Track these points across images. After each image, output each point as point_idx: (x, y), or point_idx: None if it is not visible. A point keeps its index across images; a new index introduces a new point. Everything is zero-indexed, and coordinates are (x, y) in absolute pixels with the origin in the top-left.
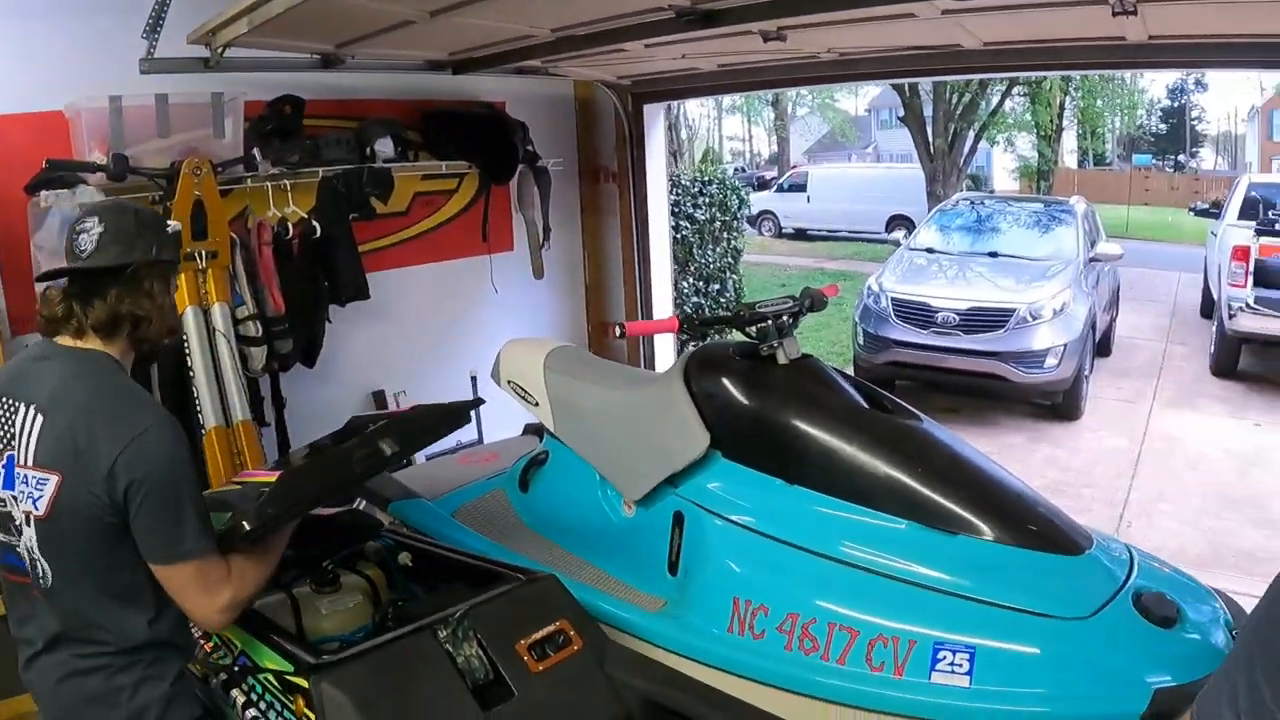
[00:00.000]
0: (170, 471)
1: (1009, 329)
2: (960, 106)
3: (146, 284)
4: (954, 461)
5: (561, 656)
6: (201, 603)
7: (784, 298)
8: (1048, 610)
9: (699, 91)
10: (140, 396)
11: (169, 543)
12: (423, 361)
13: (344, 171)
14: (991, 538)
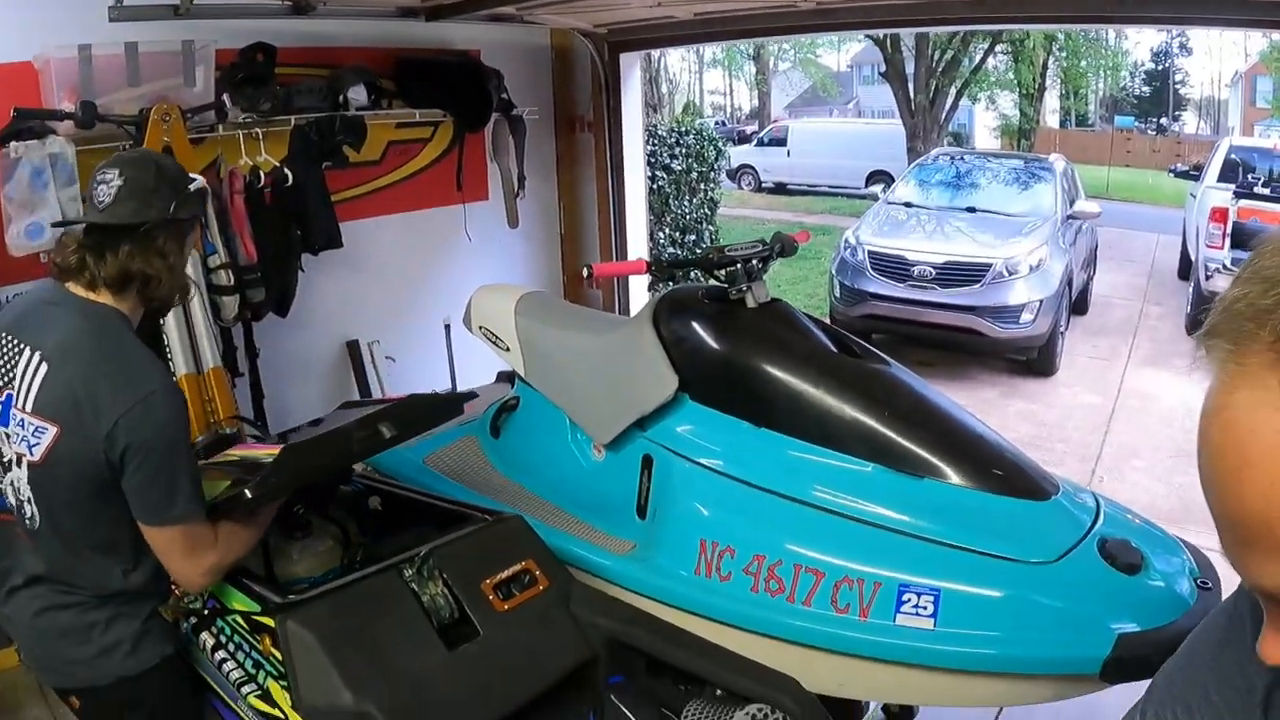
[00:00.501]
0: (169, 438)
1: (985, 284)
2: (943, 63)
3: (160, 242)
4: (920, 406)
5: (527, 595)
6: (185, 565)
7: (754, 242)
8: (1012, 554)
9: (676, 40)
10: (146, 360)
11: (160, 507)
12: (396, 310)
13: (316, 119)
14: (957, 482)
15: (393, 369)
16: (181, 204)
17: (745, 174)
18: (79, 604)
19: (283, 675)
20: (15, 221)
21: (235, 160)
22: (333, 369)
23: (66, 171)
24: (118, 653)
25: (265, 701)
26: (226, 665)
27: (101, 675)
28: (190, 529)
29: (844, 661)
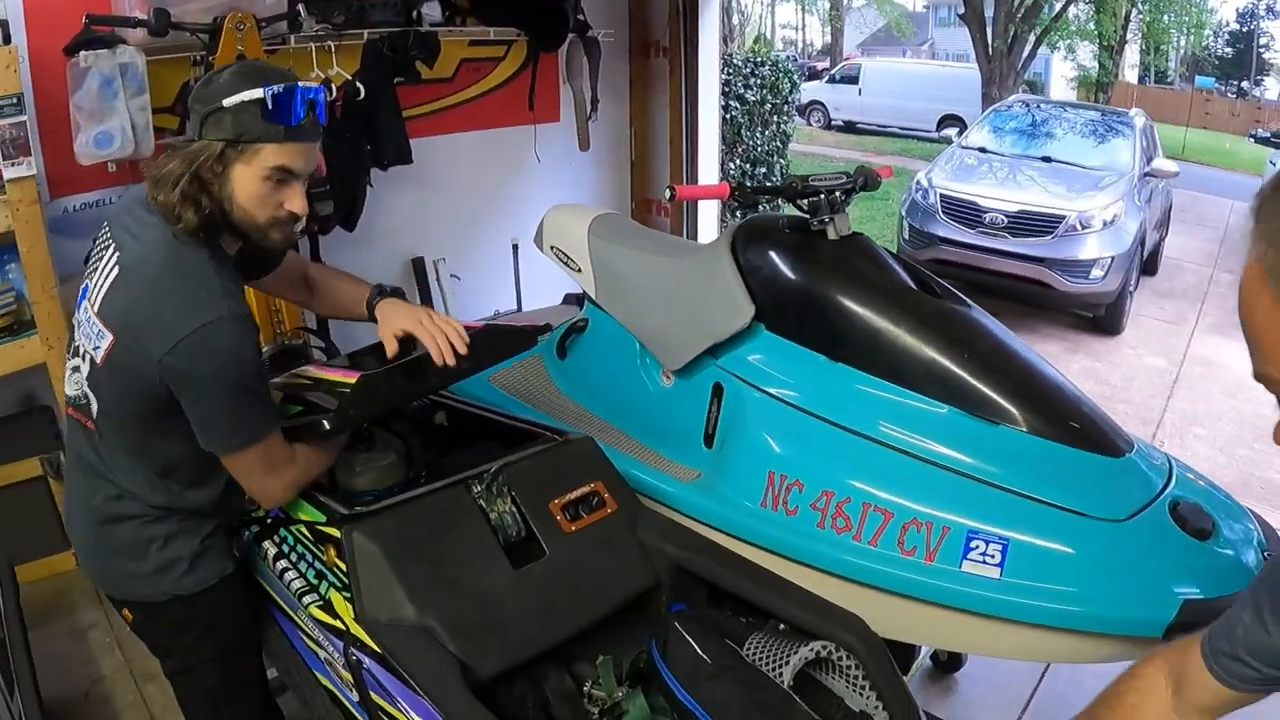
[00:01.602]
0: (229, 367)
1: (1057, 236)
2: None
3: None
4: (1000, 350)
5: (594, 518)
6: (265, 482)
7: (837, 173)
8: (1084, 509)
9: None
10: (216, 288)
11: (229, 434)
12: (463, 229)
13: (389, 34)
14: (1033, 430)
15: (458, 287)
16: (206, 126)
17: (815, 110)
18: (137, 516)
19: (345, 586)
20: (84, 130)
21: (306, 73)
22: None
23: (137, 81)
24: (174, 570)
25: (326, 612)
26: (288, 575)
27: (157, 592)
28: (266, 446)
29: (906, 604)
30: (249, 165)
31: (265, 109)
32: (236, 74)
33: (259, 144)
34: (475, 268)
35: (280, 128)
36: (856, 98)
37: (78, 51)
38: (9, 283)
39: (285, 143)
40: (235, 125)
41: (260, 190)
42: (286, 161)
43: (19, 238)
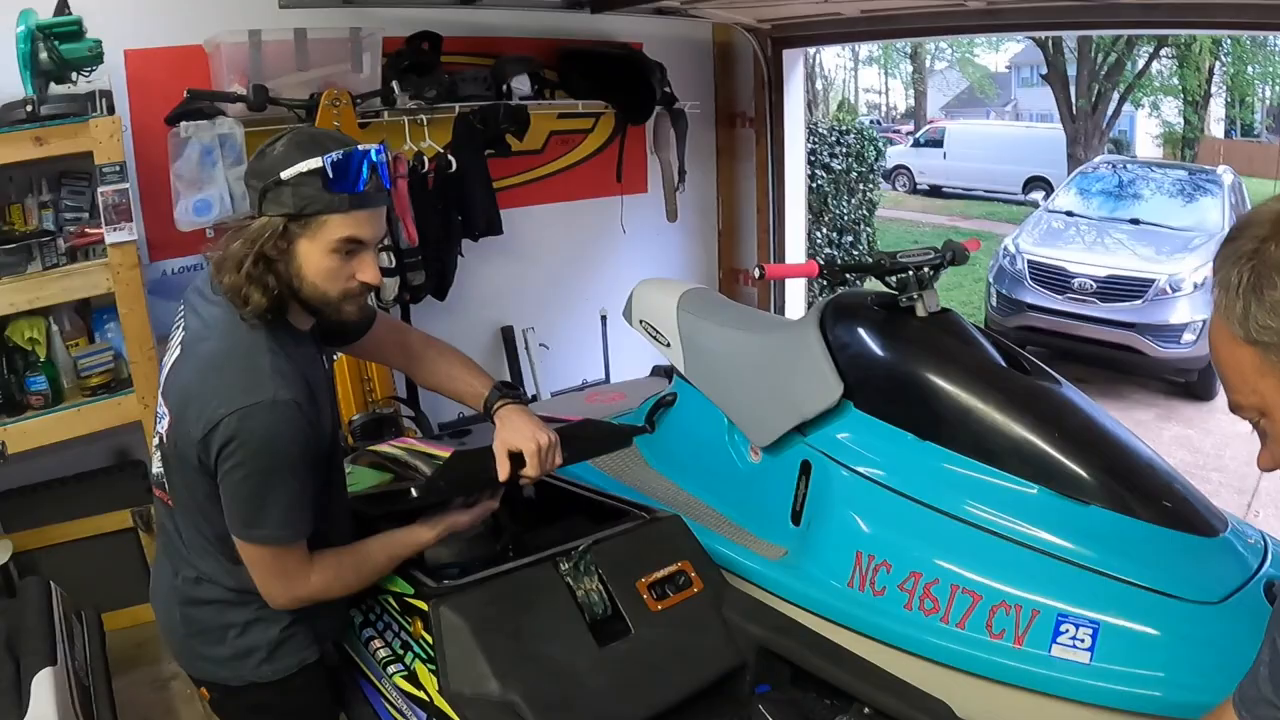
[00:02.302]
0: (261, 453)
1: (1147, 300)
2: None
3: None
4: (1091, 429)
5: (681, 597)
6: (270, 585)
7: (925, 248)
8: (1176, 591)
9: (840, 38)
10: (267, 371)
11: (247, 522)
12: (552, 298)
13: (480, 108)
14: (1124, 510)
15: (545, 356)
16: (266, 201)
17: (900, 175)
18: (215, 601)
19: (431, 659)
20: (183, 198)
21: (399, 146)
22: (487, 354)
23: (235, 151)
24: (252, 658)
25: (411, 683)
26: (374, 643)
27: (234, 676)
28: (279, 552)
29: (993, 689)
30: (314, 239)
31: (326, 178)
32: (292, 144)
33: (323, 216)
34: (563, 337)
35: (344, 196)
36: (941, 161)
37: (178, 122)
38: (108, 342)
39: (351, 211)
40: (296, 198)
41: (329, 264)
42: (354, 232)
43: (119, 300)
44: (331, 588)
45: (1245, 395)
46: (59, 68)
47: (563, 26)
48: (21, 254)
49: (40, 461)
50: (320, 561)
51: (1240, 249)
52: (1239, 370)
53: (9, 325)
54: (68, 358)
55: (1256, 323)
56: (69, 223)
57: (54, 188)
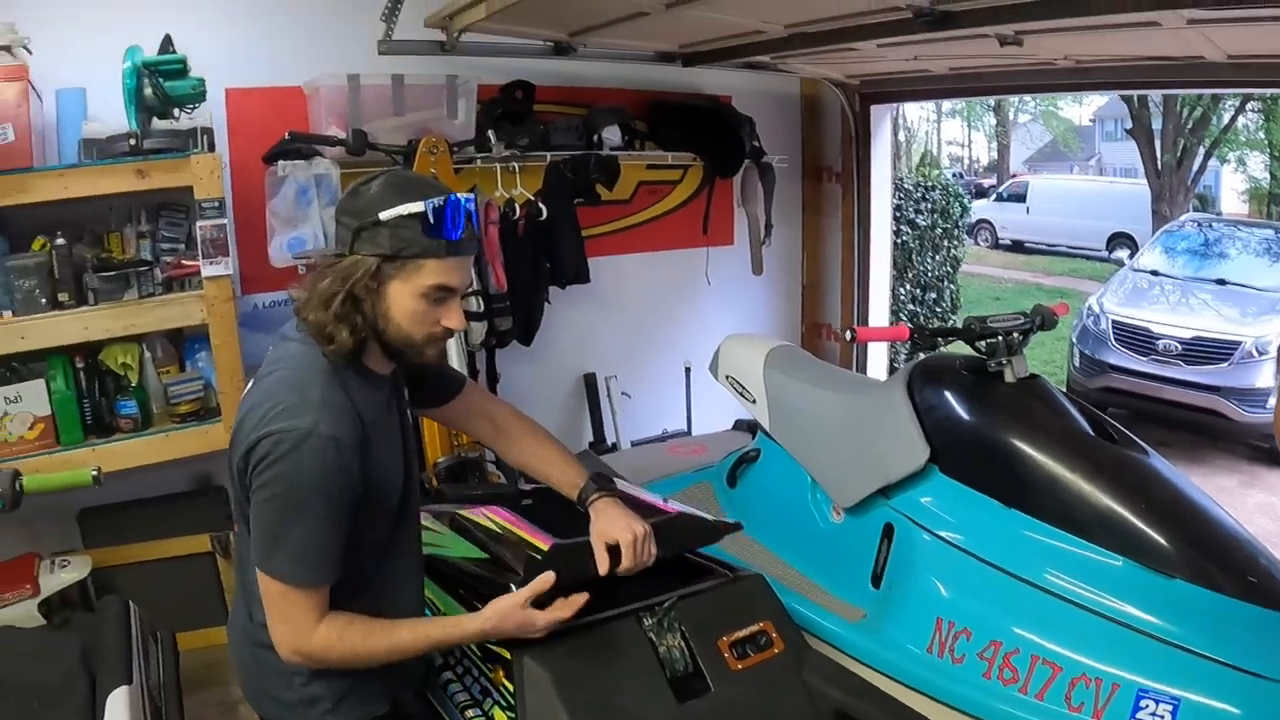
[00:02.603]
0: (293, 481)
1: (1232, 363)
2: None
3: (330, 283)
4: (1177, 500)
5: (762, 657)
6: (275, 628)
7: (1015, 313)
8: (1260, 670)
9: (928, 94)
10: (311, 400)
11: (263, 551)
12: (635, 348)
13: (571, 157)
14: (1208, 585)
15: (628, 405)
16: (359, 240)
17: (982, 229)
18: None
19: (511, 707)
20: (279, 234)
21: (491, 192)
22: (569, 400)
23: (330, 191)
24: (317, 708)
25: None
26: (453, 687)
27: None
28: (286, 592)
29: None
30: (407, 282)
31: (426, 223)
32: (390, 186)
33: (420, 260)
34: (646, 386)
35: (442, 242)
36: (1024, 216)
37: (276, 161)
38: (198, 371)
39: (446, 258)
40: (393, 240)
41: (418, 307)
42: (447, 279)
43: (212, 331)
44: (331, 651)
45: None
46: (162, 104)
47: (654, 78)
48: (119, 282)
49: (124, 482)
50: (331, 620)
51: None
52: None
53: (104, 350)
54: (159, 384)
55: None
56: (165, 253)
57: (153, 219)
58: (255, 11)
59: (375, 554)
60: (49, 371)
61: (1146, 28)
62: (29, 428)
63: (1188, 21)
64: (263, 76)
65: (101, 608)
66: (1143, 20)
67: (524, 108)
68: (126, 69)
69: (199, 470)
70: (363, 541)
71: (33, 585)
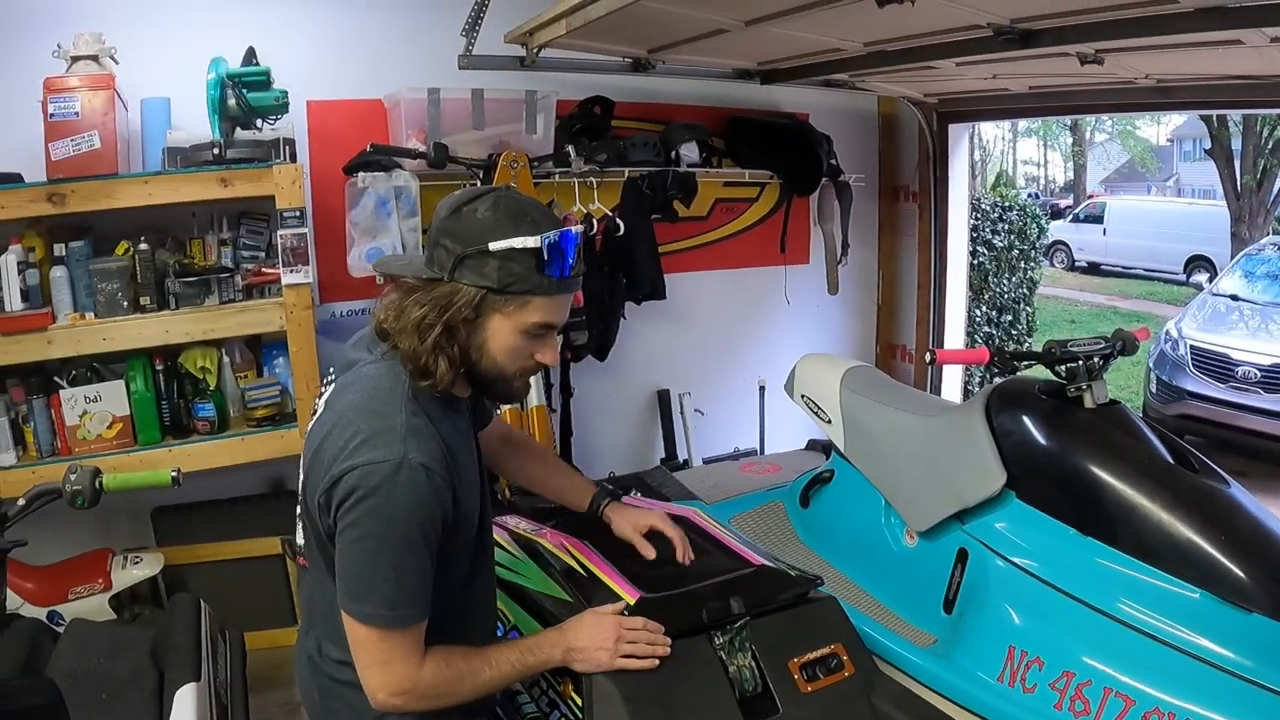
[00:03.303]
0: (385, 516)
1: None
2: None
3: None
4: (1258, 533)
5: (832, 680)
6: (370, 673)
7: (1095, 338)
8: None
9: (1007, 113)
10: (396, 429)
11: (354, 594)
12: (709, 365)
13: (649, 173)
14: None
15: (700, 422)
16: (462, 268)
17: (1058, 250)
18: (353, 684)
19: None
20: (358, 245)
21: (569, 207)
22: (642, 416)
23: (409, 203)
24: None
25: None
26: (520, 698)
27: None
28: (384, 636)
29: None
30: (510, 318)
31: (540, 259)
32: (501, 212)
33: (528, 297)
34: (719, 404)
35: (553, 280)
36: (1101, 238)
37: (356, 172)
38: (275, 377)
39: (555, 296)
40: (502, 274)
41: (517, 343)
42: (551, 317)
43: (290, 338)
44: (441, 687)
45: None
46: (245, 114)
47: (732, 95)
48: (200, 287)
49: (199, 483)
50: (433, 655)
51: None
52: None
53: (183, 353)
54: (236, 388)
55: None
56: (246, 260)
57: (234, 226)
58: (338, 25)
59: (457, 585)
60: (129, 373)
61: (1229, 46)
62: (107, 426)
63: (1271, 40)
64: (344, 89)
65: (172, 605)
66: (1225, 39)
67: (602, 123)
68: (211, 80)
69: (272, 474)
70: (447, 574)
71: (105, 580)
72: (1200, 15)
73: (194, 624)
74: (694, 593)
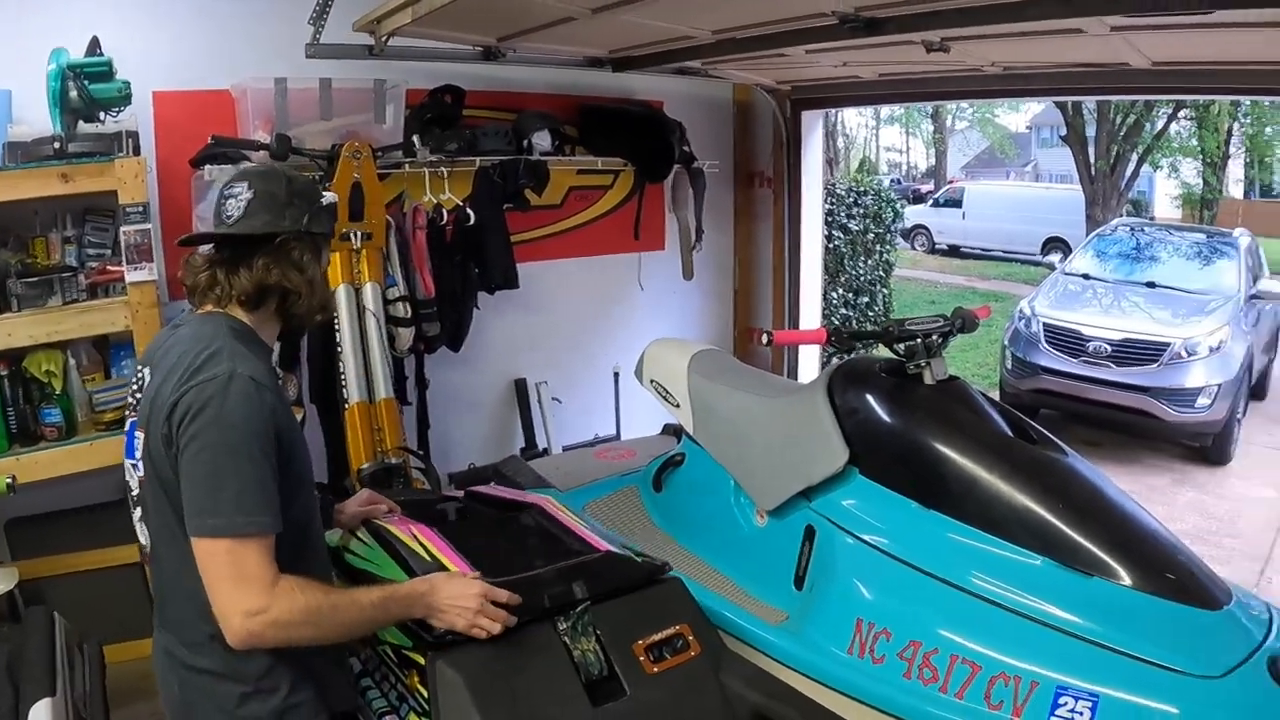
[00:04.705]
0: (222, 424)
1: (1162, 364)
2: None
3: (296, 255)
4: (1096, 500)
5: (678, 660)
6: (225, 598)
7: (935, 316)
8: (1177, 665)
9: (859, 100)
10: (221, 351)
11: (200, 510)
12: (566, 353)
13: (500, 162)
14: (1128, 583)
15: (559, 410)
16: (315, 217)
17: (919, 234)
18: (210, 671)
19: (426, 712)
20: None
21: (419, 197)
22: (499, 406)
23: None
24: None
25: None
26: (370, 693)
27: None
28: (233, 548)
29: None
30: (322, 260)
31: (334, 212)
32: (306, 180)
33: (331, 242)
34: (577, 392)
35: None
36: (960, 221)
37: (203, 165)
38: (124, 378)
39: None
40: (329, 222)
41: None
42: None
43: (137, 337)
44: (295, 609)
45: None
46: (88, 107)
47: (584, 83)
48: (43, 288)
49: (50, 491)
50: (291, 579)
51: None
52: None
53: (27, 357)
54: (83, 391)
55: None
56: (91, 259)
57: (78, 224)
58: (184, 14)
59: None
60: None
61: (1071, 35)
62: None
63: (1111, 29)
64: (191, 80)
65: (27, 618)
66: (1066, 27)
67: (453, 112)
68: (51, 71)
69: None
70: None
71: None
72: (1041, 4)
73: (48, 638)
74: (536, 578)
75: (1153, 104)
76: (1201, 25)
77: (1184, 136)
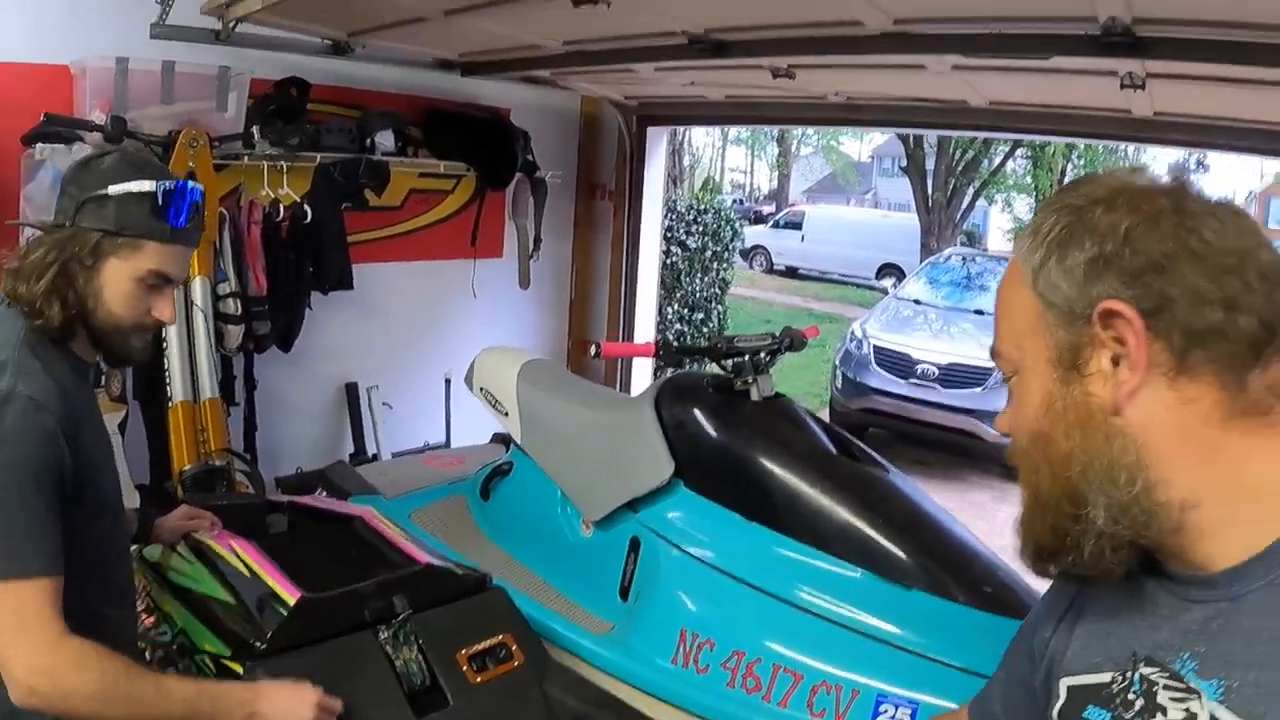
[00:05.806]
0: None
1: (987, 387)
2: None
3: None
4: (916, 515)
5: (501, 670)
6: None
7: (764, 334)
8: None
9: (704, 120)
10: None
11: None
12: (398, 358)
13: (342, 160)
14: (945, 594)
15: (389, 416)
16: (82, 212)
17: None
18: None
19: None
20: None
21: (256, 191)
22: (329, 409)
23: None
24: None
25: None
26: None
27: None
28: (13, 590)
29: None
30: (125, 262)
31: (155, 204)
32: (124, 162)
33: (141, 240)
34: (408, 398)
35: (167, 227)
36: (799, 243)
37: (35, 144)
38: None
39: (169, 244)
40: (119, 216)
41: (132, 291)
42: (165, 266)
43: None
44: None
45: (1009, 346)
46: None
47: (432, 85)
48: None
49: None
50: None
51: (1066, 201)
52: (1013, 317)
53: None
54: None
55: (1049, 278)
56: None
57: None
58: None
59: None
60: None
61: (914, 70)
62: None
63: (952, 67)
64: (28, 52)
65: None
66: (910, 63)
67: (297, 106)
68: None
69: None
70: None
71: None
72: (885, 39)
73: None
74: (356, 592)
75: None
76: (1039, 70)
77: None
